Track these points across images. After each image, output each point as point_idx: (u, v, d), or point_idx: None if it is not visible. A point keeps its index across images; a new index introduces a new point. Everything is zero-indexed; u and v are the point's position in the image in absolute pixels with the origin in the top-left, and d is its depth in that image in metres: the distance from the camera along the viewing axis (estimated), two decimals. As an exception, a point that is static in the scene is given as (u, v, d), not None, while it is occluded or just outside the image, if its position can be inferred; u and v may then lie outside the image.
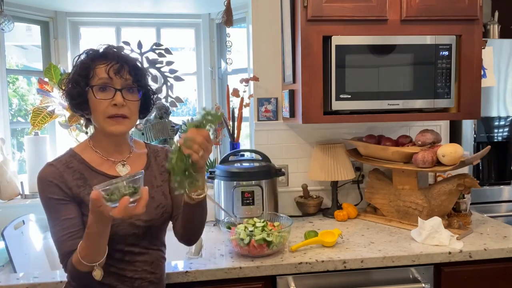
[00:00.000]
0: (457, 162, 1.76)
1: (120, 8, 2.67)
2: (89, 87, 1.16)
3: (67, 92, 1.20)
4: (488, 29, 2.62)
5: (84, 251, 1.07)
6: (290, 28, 1.96)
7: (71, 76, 1.19)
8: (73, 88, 1.18)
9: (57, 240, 1.14)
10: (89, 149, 1.24)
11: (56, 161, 1.20)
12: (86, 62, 1.17)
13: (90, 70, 1.16)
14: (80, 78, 1.16)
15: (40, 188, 1.17)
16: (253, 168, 1.95)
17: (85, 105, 1.19)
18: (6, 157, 2.27)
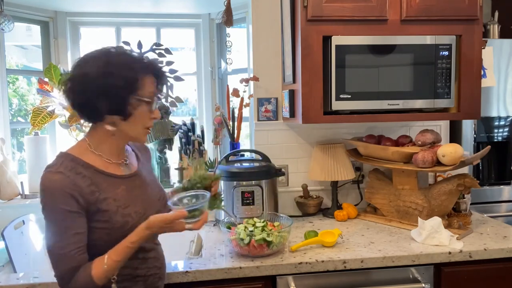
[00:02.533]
0: (457, 162, 1.76)
1: (120, 8, 2.67)
2: (138, 99, 1.15)
3: (103, 93, 1.11)
4: (488, 29, 2.62)
5: (114, 264, 1.10)
6: (290, 28, 1.96)
7: (111, 79, 1.10)
8: (113, 93, 1.11)
9: (63, 254, 1.08)
10: (89, 152, 1.19)
11: (62, 168, 1.11)
12: (134, 72, 1.13)
13: (138, 81, 1.14)
14: (126, 85, 1.12)
15: (51, 198, 1.09)
16: (253, 168, 1.95)
17: (121, 111, 1.14)
18: (6, 157, 2.27)
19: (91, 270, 1.10)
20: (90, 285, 1.09)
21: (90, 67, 1.11)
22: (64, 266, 1.09)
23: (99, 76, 1.10)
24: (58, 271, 1.10)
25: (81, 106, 1.15)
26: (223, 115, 2.34)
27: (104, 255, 1.12)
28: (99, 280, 1.10)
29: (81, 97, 1.13)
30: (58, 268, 1.10)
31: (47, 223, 1.11)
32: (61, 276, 1.10)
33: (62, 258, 1.09)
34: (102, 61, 1.11)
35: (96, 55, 1.14)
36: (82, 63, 1.14)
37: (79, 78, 1.12)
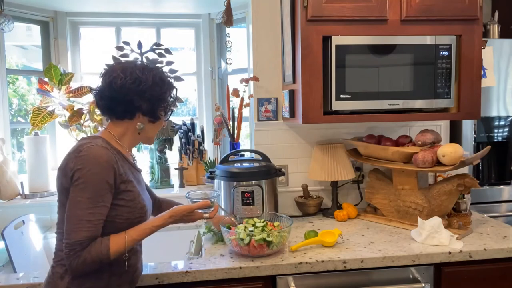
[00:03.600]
0: (457, 162, 1.76)
1: (120, 8, 2.67)
2: (167, 107, 1.39)
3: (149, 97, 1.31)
4: (488, 29, 2.62)
5: (133, 242, 1.24)
6: (290, 28, 1.96)
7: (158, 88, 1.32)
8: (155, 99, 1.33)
9: (89, 221, 1.16)
10: (114, 141, 1.32)
11: (104, 144, 1.24)
12: (170, 86, 1.39)
13: (170, 93, 1.39)
14: (165, 96, 1.36)
15: (96, 167, 1.18)
16: (253, 168, 1.95)
17: (155, 114, 1.35)
18: (6, 157, 2.27)
19: (108, 243, 1.19)
20: (104, 256, 1.18)
21: (141, 73, 1.30)
22: (85, 234, 1.15)
23: (150, 83, 1.31)
24: (76, 237, 1.15)
25: (122, 102, 1.29)
26: (223, 115, 2.34)
27: (121, 233, 1.23)
28: (114, 255, 1.20)
29: (128, 95, 1.28)
30: (77, 234, 1.15)
31: (81, 190, 1.17)
32: (78, 243, 1.15)
33: (87, 226, 1.16)
34: (152, 73, 1.33)
35: (144, 66, 1.34)
36: (130, 68, 1.31)
37: (132, 80, 1.28)
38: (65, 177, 1.20)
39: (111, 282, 1.27)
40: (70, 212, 1.17)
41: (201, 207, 1.38)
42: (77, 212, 1.16)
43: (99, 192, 1.18)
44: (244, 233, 1.57)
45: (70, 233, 1.15)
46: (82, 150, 1.20)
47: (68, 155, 1.23)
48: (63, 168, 1.22)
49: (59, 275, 1.22)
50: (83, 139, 1.28)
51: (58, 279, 1.22)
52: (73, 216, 1.16)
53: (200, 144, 2.49)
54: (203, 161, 2.49)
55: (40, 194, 2.28)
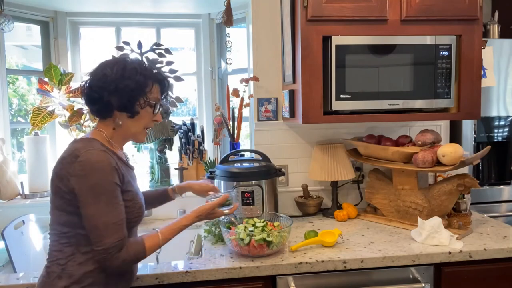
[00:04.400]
0: (457, 162, 1.76)
1: (120, 8, 2.67)
2: (145, 101, 1.31)
3: (117, 92, 1.26)
4: (488, 29, 2.62)
5: (166, 241, 1.32)
6: (290, 28, 1.96)
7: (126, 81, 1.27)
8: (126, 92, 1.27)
9: (116, 223, 1.20)
10: (106, 141, 1.31)
11: (101, 147, 1.25)
12: (145, 77, 1.31)
13: (147, 85, 1.32)
14: (137, 87, 1.29)
15: (102, 173, 1.19)
16: (253, 168, 1.95)
17: (130, 109, 1.30)
18: (6, 157, 2.27)
19: (143, 242, 1.26)
20: (141, 255, 1.25)
21: (109, 70, 1.28)
22: (116, 236, 1.19)
23: (117, 78, 1.26)
24: (110, 242, 1.18)
25: (95, 101, 1.28)
26: (223, 115, 2.34)
27: (154, 234, 1.30)
28: (149, 252, 1.28)
29: (97, 93, 1.27)
30: (110, 238, 1.18)
31: (95, 197, 1.18)
32: (113, 246, 1.18)
33: (116, 228, 1.20)
34: (120, 66, 1.28)
35: (115, 61, 1.31)
36: (102, 65, 1.30)
37: (98, 77, 1.27)
38: (62, 181, 1.21)
39: (109, 280, 1.27)
40: (93, 221, 1.18)
41: (221, 202, 1.47)
42: (101, 219, 1.18)
43: (112, 193, 1.21)
44: (244, 233, 1.57)
45: (101, 239, 1.18)
46: (80, 155, 1.19)
47: (62, 159, 1.23)
48: (58, 173, 1.22)
49: (56, 275, 1.22)
50: (77, 142, 1.28)
51: (56, 279, 1.22)
52: (98, 223, 1.18)
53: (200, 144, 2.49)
54: (203, 161, 2.49)
55: (40, 194, 2.28)
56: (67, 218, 1.23)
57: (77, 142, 1.28)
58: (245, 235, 1.56)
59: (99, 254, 1.19)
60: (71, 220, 1.23)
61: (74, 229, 1.23)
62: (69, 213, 1.23)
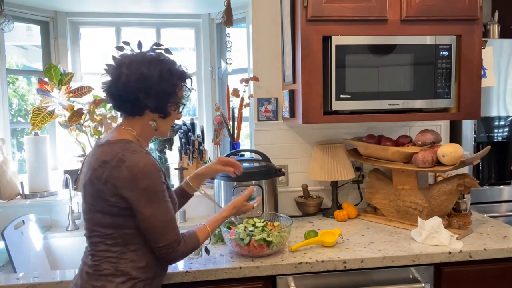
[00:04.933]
0: (457, 162, 1.76)
1: (120, 8, 2.66)
2: (177, 102, 1.35)
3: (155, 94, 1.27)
4: (488, 29, 2.62)
5: (213, 231, 1.44)
6: (290, 28, 1.96)
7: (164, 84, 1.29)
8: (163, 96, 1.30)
9: (170, 220, 1.27)
10: (137, 141, 1.32)
11: (142, 149, 1.28)
12: (179, 80, 1.34)
13: (181, 87, 1.35)
14: (173, 91, 1.32)
15: (154, 176, 1.24)
16: (253, 168, 1.95)
17: (164, 111, 1.33)
18: (6, 157, 2.27)
19: (197, 235, 1.36)
20: (196, 245, 1.35)
21: (146, 70, 1.26)
22: (175, 231, 1.28)
23: (155, 80, 1.27)
24: (171, 237, 1.26)
25: (129, 101, 1.28)
26: (223, 115, 2.34)
27: (203, 227, 1.40)
28: (202, 242, 1.39)
29: (134, 94, 1.26)
30: (170, 235, 1.26)
31: (149, 200, 1.23)
32: (173, 241, 1.26)
33: (172, 225, 1.28)
34: (157, 67, 1.28)
35: (149, 59, 1.29)
36: (135, 63, 1.27)
37: (136, 77, 1.26)
38: (105, 185, 1.22)
39: (156, 273, 1.34)
40: (151, 223, 1.23)
41: (249, 195, 1.56)
42: (158, 220, 1.24)
43: (163, 193, 1.26)
44: (244, 233, 1.57)
45: (161, 238, 1.25)
46: (126, 159, 1.21)
47: (104, 163, 1.23)
48: (100, 177, 1.22)
49: (110, 272, 1.25)
50: (114, 144, 1.26)
51: (111, 276, 1.25)
52: (156, 225, 1.24)
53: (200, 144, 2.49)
54: (203, 161, 2.49)
55: (40, 194, 2.28)
56: (112, 220, 1.24)
57: (114, 144, 1.26)
58: (245, 235, 1.56)
59: (161, 250, 1.26)
60: (116, 222, 1.25)
61: (120, 230, 1.25)
62: (114, 215, 1.24)
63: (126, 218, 1.25)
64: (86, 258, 1.30)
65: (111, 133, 1.33)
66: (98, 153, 1.27)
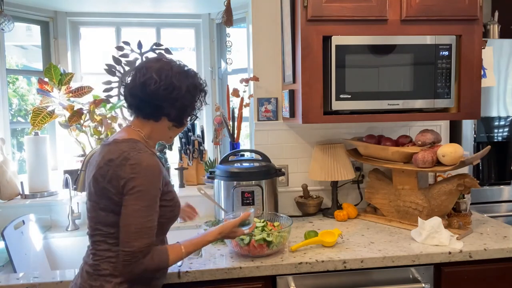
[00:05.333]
0: (457, 162, 1.76)
1: (120, 8, 2.67)
2: (194, 114, 1.39)
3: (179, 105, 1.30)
4: (488, 29, 2.62)
5: (188, 254, 1.32)
6: (290, 28, 1.96)
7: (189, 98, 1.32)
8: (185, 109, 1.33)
9: (149, 228, 1.21)
10: (145, 142, 1.33)
11: (149, 150, 1.28)
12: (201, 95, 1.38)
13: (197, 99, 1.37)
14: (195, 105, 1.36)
15: (152, 176, 1.22)
16: (253, 168, 1.95)
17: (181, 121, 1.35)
18: (6, 157, 2.27)
19: (168, 254, 1.26)
20: (163, 265, 1.26)
21: (177, 80, 1.28)
22: (145, 241, 1.20)
23: (184, 92, 1.29)
24: (138, 245, 1.19)
25: (149, 106, 1.29)
26: (223, 115, 2.34)
27: (177, 246, 1.30)
28: (171, 263, 1.29)
29: (159, 101, 1.28)
30: (139, 242, 1.19)
31: (137, 198, 1.19)
32: (139, 251, 1.19)
33: (146, 233, 1.20)
34: (185, 81, 1.30)
35: (180, 70, 1.32)
36: (165, 72, 1.28)
37: (165, 86, 1.26)
38: (110, 183, 1.21)
39: (155, 275, 1.32)
40: (128, 221, 1.19)
41: (243, 220, 1.45)
42: (136, 220, 1.19)
43: (154, 199, 1.23)
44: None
45: (130, 241, 1.18)
46: (130, 158, 1.21)
47: (110, 161, 1.23)
48: (105, 175, 1.22)
49: (109, 272, 1.25)
50: (119, 143, 1.26)
51: (109, 276, 1.24)
52: (132, 224, 1.19)
53: (200, 144, 2.49)
54: (203, 161, 2.49)
55: (40, 194, 2.28)
56: (115, 219, 1.24)
57: (121, 143, 1.26)
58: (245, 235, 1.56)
59: (125, 255, 1.19)
60: (119, 220, 1.24)
61: None
62: (117, 214, 1.23)
63: None
64: (88, 257, 1.30)
65: (118, 133, 1.34)
66: (105, 151, 1.27)
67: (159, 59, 1.35)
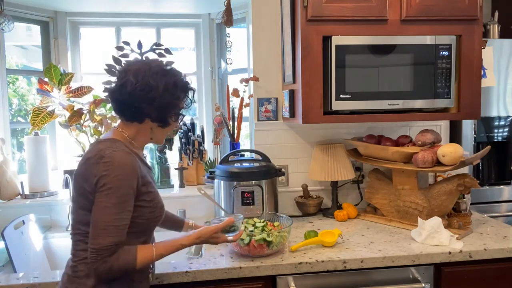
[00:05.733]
0: (457, 162, 1.76)
1: (120, 8, 2.67)
2: (179, 113, 1.36)
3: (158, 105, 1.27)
4: (488, 29, 2.62)
5: (160, 257, 1.27)
6: (290, 28, 1.96)
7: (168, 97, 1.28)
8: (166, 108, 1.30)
9: (116, 226, 1.18)
10: (128, 142, 1.31)
11: (127, 149, 1.26)
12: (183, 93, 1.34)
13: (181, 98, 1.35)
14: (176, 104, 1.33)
15: (122, 175, 1.19)
16: (253, 168, 1.95)
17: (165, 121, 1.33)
18: (6, 157, 2.27)
19: (136, 253, 1.22)
20: (130, 266, 1.21)
21: (152, 81, 1.26)
22: (112, 239, 1.17)
23: (161, 92, 1.26)
24: (103, 242, 1.16)
25: (130, 108, 1.28)
26: (223, 115, 2.34)
27: (148, 246, 1.27)
28: (140, 265, 1.23)
29: (137, 103, 1.27)
30: (105, 239, 1.16)
31: (107, 196, 1.18)
32: (105, 249, 1.16)
33: (114, 231, 1.17)
34: (162, 79, 1.27)
35: (155, 69, 1.28)
36: (142, 72, 1.26)
37: (141, 87, 1.25)
38: (87, 182, 1.21)
39: (135, 278, 1.29)
40: (96, 218, 1.18)
41: (226, 226, 1.40)
42: (103, 217, 1.17)
43: (125, 197, 1.20)
44: (244, 233, 1.56)
45: (96, 238, 1.17)
46: (105, 156, 1.20)
47: (87, 160, 1.23)
48: (83, 174, 1.22)
49: (85, 274, 1.23)
50: (100, 142, 1.27)
51: (84, 278, 1.23)
52: (99, 221, 1.17)
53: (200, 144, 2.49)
54: (203, 161, 2.49)
55: (40, 194, 2.28)
56: None
57: (100, 143, 1.27)
58: (245, 235, 1.56)
59: (91, 252, 1.17)
60: None
61: None
62: None
63: None
64: (69, 259, 1.30)
65: (105, 134, 1.35)
66: (86, 151, 1.29)
67: (140, 60, 1.36)
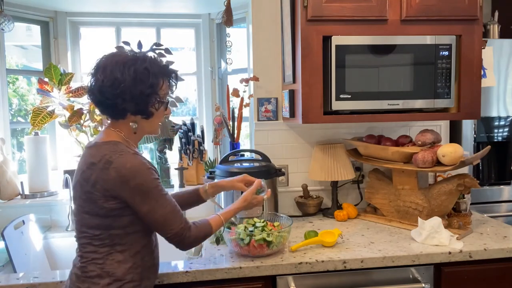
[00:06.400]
0: (457, 162, 1.76)
1: (120, 8, 2.67)
2: (159, 101, 1.30)
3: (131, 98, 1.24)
4: (488, 29, 2.62)
5: (226, 221, 1.46)
6: (290, 28, 1.96)
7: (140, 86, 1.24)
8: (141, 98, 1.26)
9: (171, 211, 1.27)
10: (125, 142, 1.31)
11: (133, 151, 1.27)
12: (157, 78, 1.28)
13: (160, 85, 1.30)
14: (151, 91, 1.27)
15: (144, 173, 1.22)
16: (253, 168, 1.95)
17: (145, 112, 1.29)
18: (6, 157, 2.27)
19: (209, 222, 1.39)
20: (208, 232, 1.38)
21: (120, 74, 1.22)
22: (179, 220, 1.28)
23: (130, 84, 1.22)
24: (178, 225, 1.28)
25: (107, 106, 1.27)
26: (223, 115, 2.34)
27: (214, 215, 1.44)
28: (215, 230, 1.41)
29: (110, 100, 1.24)
30: (177, 222, 1.28)
31: (143, 197, 1.23)
32: (181, 228, 1.28)
33: (175, 215, 1.28)
34: (131, 69, 1.23)
35: (123, 61, 1.24)
36: (110, 67, 1.23)
37: (110, 83, 1.22)
38: (94, 187, 1.21)
39: (144, 274, 1.32)
40: (152, 217, 1.25)
41: (256, 189, 1.55)
42: (157, 213, 1.25)
43: (157, 188, 1.25)
44: (244, 233, 1.57)
45: (170, 226, 1.26)
46: (112, 161, 1.20)
47: (91, 165, 1.22)
48: (89, 178, 1.22)
49: (96, 274, 1.24)
50: (101, 146, 1.26)
51: (97, 278, 1.24)
52: (158, 218, 1.25)
53: (200, 144, 2.49)
54: (203, 161, 2.49)
55: (40, 194, 2.28)
56: (100, 221, 1.24)
57: (101, 146, 1.25)
58: (245, 235, 1.56)
59: (171, 240, 1.29)
60: (104, 223, 1.24)
61: (107, 231, 1.25)
62: (102, 216, 1.24)
63: (114, 219, 1.24)
64: (76, 260, 1.30)
65: (99, 135, 1.33)
66: (87, 155, 1.27)
67: (110, 54, 1.29)
